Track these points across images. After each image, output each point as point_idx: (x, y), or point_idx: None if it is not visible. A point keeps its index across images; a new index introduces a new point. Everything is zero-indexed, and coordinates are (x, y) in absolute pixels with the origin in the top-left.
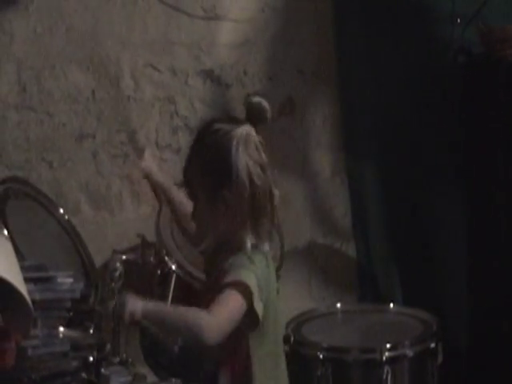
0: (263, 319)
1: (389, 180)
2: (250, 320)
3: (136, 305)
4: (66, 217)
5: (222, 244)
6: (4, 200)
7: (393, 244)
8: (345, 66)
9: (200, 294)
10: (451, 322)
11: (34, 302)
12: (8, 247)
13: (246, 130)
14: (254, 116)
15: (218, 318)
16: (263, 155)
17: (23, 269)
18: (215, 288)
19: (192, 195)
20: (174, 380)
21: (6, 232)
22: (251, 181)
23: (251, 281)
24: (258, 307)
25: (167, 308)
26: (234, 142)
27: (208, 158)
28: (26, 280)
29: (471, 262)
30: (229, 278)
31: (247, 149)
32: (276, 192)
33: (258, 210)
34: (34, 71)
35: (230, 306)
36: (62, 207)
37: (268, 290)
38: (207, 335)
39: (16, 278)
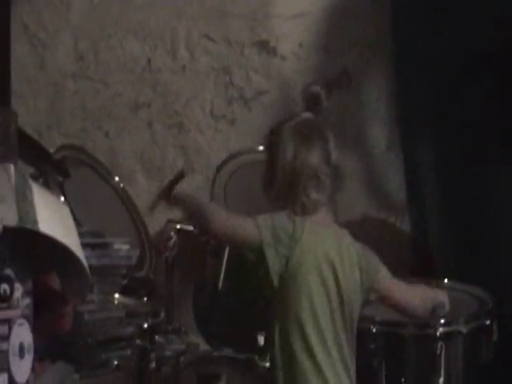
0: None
1: (445, 153)
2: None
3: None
4: (122, 185)
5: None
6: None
7: (448, 219)
8: (401, 39)
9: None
10: (507, 300)
11: (90, 267)
12: (66, 212)
13: (295, 122)
14: (312, 105)
15: (228, 219)
16: (315, 143)
17: (80, 234)
18: None
19: None
20: (226, 349)
21: (63, 198)
22: (292, 162)
23: (265, 224)
24: (268, 252)
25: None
26: (283, 138)
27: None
28: (83, 246)
29: None
30: None
31: (295, 141)
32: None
33: (295, 187)
34: (91, 41)
35: (242, 220)
36: (118, 176)
37: (292, 252)
38: (213, 224)
39: (74, 244)
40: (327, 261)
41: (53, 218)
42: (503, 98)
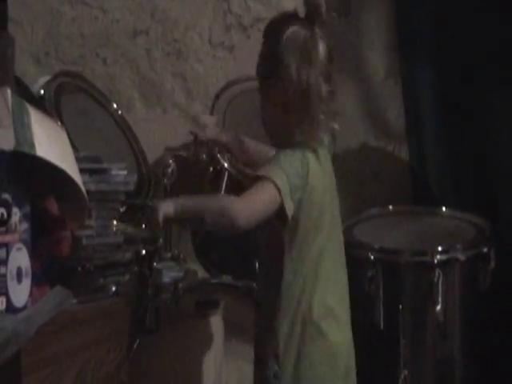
0: (296, 220)
1: (444, 82)
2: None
3: (168, 206)
4: (120, 112)
5: (276, 140)
6: (58, 93)
7: (447, 147)
8: None
9: None
10: (505, 228)
11: (88, 192)
12: (63, 137)
13: (296, 29)
14: (311, 13)
15: (249, 202)
16: (318, 54)
17: (78, 159)
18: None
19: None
20: (224, 276)
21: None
22: (298, 76)
23: (280, 179)
24: (288, 205)
25: (198, 198)
26: (283, 40)
27: (263, 49)
28: (81, 171)
29: None
30: (260, 172)
31: (296, 48)
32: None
33: (305, 107)
34: None
35: (262, 193)
36: (116, 103)
37: (304, 193)
38: (238, 217)
39: (72, 168)
40: (325, 191)
41: (50, 142)
42: (503, 22)
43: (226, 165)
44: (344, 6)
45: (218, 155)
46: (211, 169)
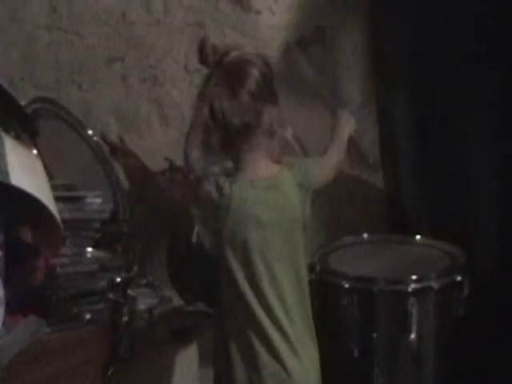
0: (228, 246)
1: (419, 110)
2: None
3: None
4: (95, 138)
5: None
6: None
7: (421, 176)
8: None
9: None
10: (479, 256)
11: (63, 221)
12: (38, 166)
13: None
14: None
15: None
16: (240, 90)
17: (53, 188)
18: None
19: None
20: (198, 303)
21: (35, 151)
22: (212, 110)
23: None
24: (198, 223)
25: None
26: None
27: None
28: (56, 199)
29: (502, 196)
30: None
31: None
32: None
33: (233, 142)
34: None
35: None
36: (91, 129)
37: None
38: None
39: (46, 196)
40: (258, 223)
41: (25, 170)
42: (477, 54)
43: None
44: (319, 33)
45: None
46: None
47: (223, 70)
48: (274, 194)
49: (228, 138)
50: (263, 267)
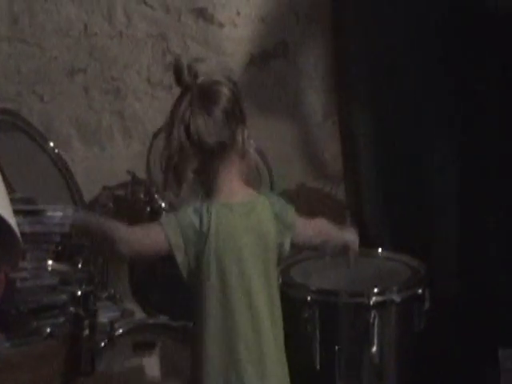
0: (206, 272)
1: (381, 124)
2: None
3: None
4: (56, 150)
5: None
6: None
7: (383, 189)
8: (339, 9)
9: None
10: (439, 269)
11: (23, 234)
12: None
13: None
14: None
15: (132, 234)
16: (214, 109)
17: (12, 201)
18: None
19: None
20: (161, 317)
21: None
22: (198, 135)
23: (170, 226)
24: (178, 254)
25: (96, 218)
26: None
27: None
28: (15, 212)
29: (462, 209)
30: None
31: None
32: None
33: (203, 165)
34: (26, 3)
35: (146, 230)
36: (53, 141)
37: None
38: (118, 244)
39: (5, 210)
40: (237, 250)
41: None
42: (440, 70)
43: (163, 205)
44: (281, 47)
45: (156, 195)
46: (149, 209)
47: (196, 90)
48: (252, 219)
49: (203, 159)
50: (242, 295)
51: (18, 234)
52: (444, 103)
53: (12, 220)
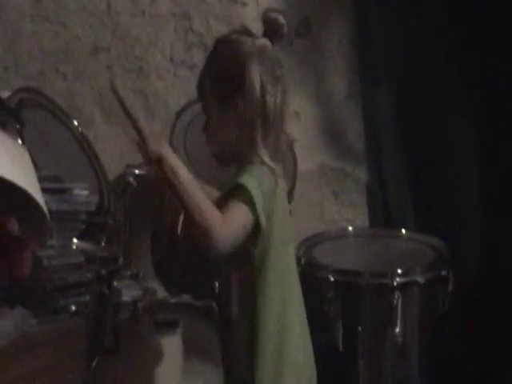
0: (267, 234)
1: (403, 104)
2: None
3: (162, 147)
4: (80, 129)
5: (234, 157)
6: (18, 110)
7: (406, 168)
8: None
9: None
10: (463, 250)
11: (50, 212)
12: (26, 157)
13: (262, 42)
14: (270, 31)
15: (228, 228)
16: (278, 71)
17: (40, 179)
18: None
19: (205, 107)
20: (184, 295)
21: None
22: (263, 94)
23: (253, 186)
24: (261, 216)
25: (197, 190)
26: (249, 53)
27: (222, 66)
28: (43, 191)
29: (486, 189)
30: (233, 183)
31: (261, 61)
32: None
33: (269, 125)
34: None
35: (238, 218)
36: (76, 120)
37: (273, 206)
38: (215, 242)
39: (34, 188)
40: (285, 207)
41: (12, 162)
42: (463, 48)
43: None
44: (304, 26)
45: None
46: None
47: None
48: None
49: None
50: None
51: (47, 213)
52: (470, 81)
53: (40, 198)
